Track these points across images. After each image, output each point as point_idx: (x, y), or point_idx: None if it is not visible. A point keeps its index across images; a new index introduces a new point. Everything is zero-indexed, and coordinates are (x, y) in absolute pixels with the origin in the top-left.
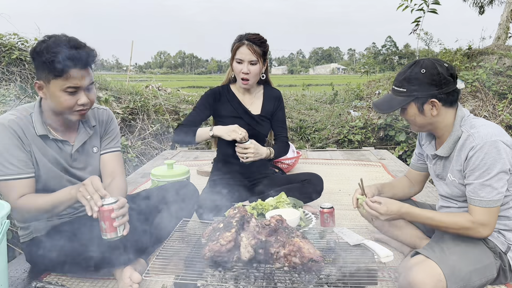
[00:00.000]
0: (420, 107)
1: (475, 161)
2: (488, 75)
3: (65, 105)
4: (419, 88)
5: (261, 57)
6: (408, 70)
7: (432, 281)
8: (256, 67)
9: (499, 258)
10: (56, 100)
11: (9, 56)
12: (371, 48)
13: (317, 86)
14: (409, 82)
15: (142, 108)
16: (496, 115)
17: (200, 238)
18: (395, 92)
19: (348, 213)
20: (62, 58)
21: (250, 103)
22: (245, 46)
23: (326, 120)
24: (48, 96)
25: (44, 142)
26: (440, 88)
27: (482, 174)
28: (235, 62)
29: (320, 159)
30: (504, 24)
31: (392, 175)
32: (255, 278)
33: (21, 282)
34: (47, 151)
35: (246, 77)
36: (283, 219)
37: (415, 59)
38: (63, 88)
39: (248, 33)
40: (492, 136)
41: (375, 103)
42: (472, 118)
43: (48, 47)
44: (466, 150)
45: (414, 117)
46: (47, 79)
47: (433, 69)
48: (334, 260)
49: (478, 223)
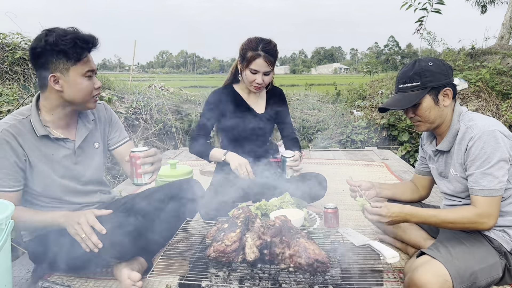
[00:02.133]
0: (435, 98)
1: (474, 151)
2: (492, 75)
3: (87, 91)
4: (433, 79)
5: (273, 65)
6: (414, 66)
7: (438, 282)
8: (269, 77)
9: (504, 258)
10: (77, 87)
11: (12, 56)
12: (374, 47)
13: (319, 86)
14: (422, 75)
15: (145, 108)
16: (500, 115)
17: (204, 238)
18: (405, 90)
19: (352, 213)
20: (80, 43)
21: (254, 102)
22: (262, 58)
23: (328, 120)
24: (67, 86)
25: (45, 142)
26: (448, 78)
27: (482, 163)
28: (249, 71)
29: (323, 159)
30: (507, 23)
31: (395, 175)
32: (260, 279)
33: (25, 282)
34: (49, 151)
35: (258, 86)
36: (288, 220)
37: (414, 59)
38: (83, 73)
39: (262, 39)
40: (489, 126)
41: (389, 104)
42: (469, 113)
43: (61, 36)
44: (466, 141)
45: (429, 110)
46: (65, 68)
47: (438, 61)
48: (339, 261)
49: (482, 214)
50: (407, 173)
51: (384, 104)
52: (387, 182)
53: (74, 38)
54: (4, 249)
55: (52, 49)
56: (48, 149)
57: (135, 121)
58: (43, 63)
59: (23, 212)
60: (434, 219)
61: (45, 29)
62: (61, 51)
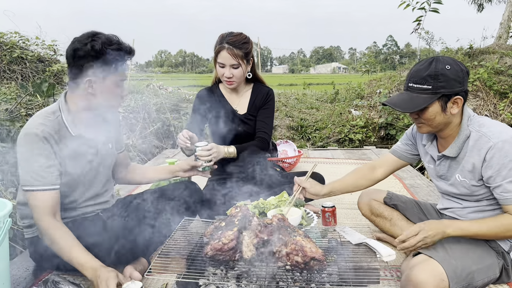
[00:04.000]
0: (444, 105)
1: (498, 161)
2: (489, 74)
3: (117, 98)
4: (447, 85)
5: (243, 59)
6: (430, 66)
7: (434, 281)
8: (238, 70)
9: (502, 258)
10: (109, 94)
11: (10, 55)
12: (372, 47)
13: (318, 85)
14: (436, 78)
15: (143, 107)
16: (497, 114)
17: (202, 236)
18: (415, 90)
19: (350, 212)
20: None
21: (237, 103)
22: (225, 51)
23: (327, 119)
24: (100, 91)
25: (78, 142)
26: (462, 85)
27: (509, 172)
28: (218, 65)
29: (321, 158)
30: (505, 23)
31: (393, 174)
32: (257, 277)
33: (23, 281)
34: (81, 150)
35: (229, 81)
36: (285, 218)
37: (433, 56)
38: (118, 82)
39: (229, 33)
40: (506, 133)
41: (394, 103)
42: (477, 117)
43: (105, 44)
44: (483, 150)
45: (434, 116)
46: (103, 75)
47: (456, 65)
48: (336, 259)
49: None
50: (405, 172)
51: (389, 102)
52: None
53: (118, 48)
54: (2, 248)
55: (96, 55)
56: (80, 148)
57: (133, 120)
58: (82, 66)
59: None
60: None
61: (90, 32)
62: (104, 59)
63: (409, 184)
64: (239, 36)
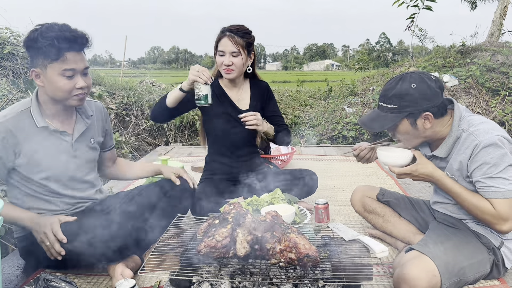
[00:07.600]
0: (413, 122)
1: (481, 158)
2: (482, 71)
3: (65, 89)
4: (411, 104)
5: (244, 49)
6: (397, 85)
7: (426, 276)
8: (238, 59)
9: (493, 253)
10: (55, 85)
11: (1, 51)
12: (365, 44)
13: (311, 83)
14: (400, 98)
15: (136, 104)
16: (489, 111)
17: (195, 234)
18: (383, 109)
19: (343, 208)
20: (57, 42)
21: (237, 98)
22: (226, 38)
23: (320, 116)
24: (46, 83)
25: (44, 135)
26: (431, 102)
27: (489, 169)
28: (218, 54)
29: (315, 155)
30: (497, 21)
31: (385, 171)
32: (251, 273)
33: (15, 279)
34: (47, 143)
35: (228, 69)
36: (279, 215)
37: (401, 74)
38: (60, 72)
39: (231, 24)
40: (492, 132)
41: (364, 122)
42: (468, 117)
43: (42, 33)
44: (469, 149)
45: (407, 133)
46: (43, 65)
47: (423, 83)
48: (329, 256)
49: (500, 217)
50: None
51: (360, 121)
52: (377, 178)
53: (54, 36)
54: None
55: (34, 44)
56: (47, 141)
57: (126, 117)
58: (30, 56)
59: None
60: (456, 195)
61: (38, 24)
62: (39, 47)
63: (401, 181)
64: (241, 27)
